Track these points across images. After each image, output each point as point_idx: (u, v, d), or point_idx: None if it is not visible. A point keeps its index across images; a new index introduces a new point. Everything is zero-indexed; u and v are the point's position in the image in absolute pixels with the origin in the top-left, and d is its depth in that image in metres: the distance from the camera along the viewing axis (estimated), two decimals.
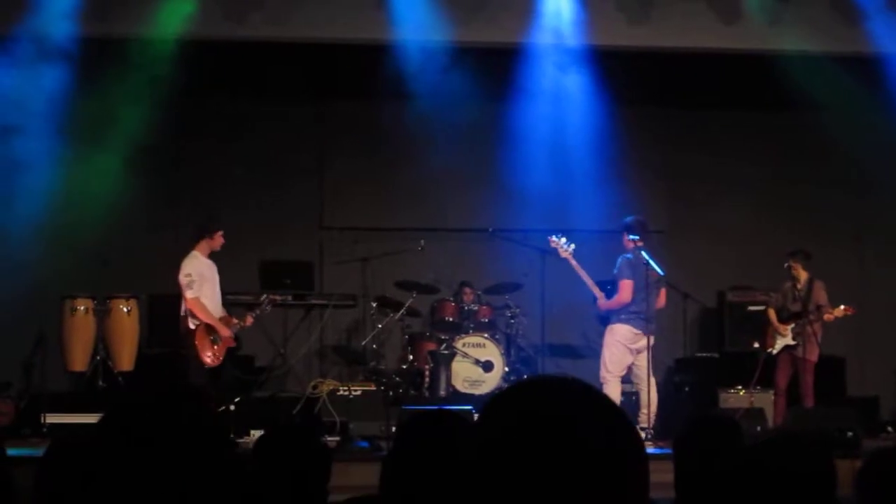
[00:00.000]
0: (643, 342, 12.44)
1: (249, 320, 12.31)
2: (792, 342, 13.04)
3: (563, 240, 12.75)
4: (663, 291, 12.75)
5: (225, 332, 11.88)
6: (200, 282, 11.84)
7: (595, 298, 12.59)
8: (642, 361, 12.50)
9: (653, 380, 12.56)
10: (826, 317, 12.95)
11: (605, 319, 12.66)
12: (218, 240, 11.98)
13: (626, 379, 12.78)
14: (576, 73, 14.26)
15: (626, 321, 12.40)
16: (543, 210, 14.87)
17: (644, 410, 12.41)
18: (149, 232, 14.58)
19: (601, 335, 12.73)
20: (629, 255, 12.47)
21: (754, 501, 3.39)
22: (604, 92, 14.38)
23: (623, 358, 12.42)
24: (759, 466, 3.51)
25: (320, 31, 13.34)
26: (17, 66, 13.27)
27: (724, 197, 15.65)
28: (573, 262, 12.65)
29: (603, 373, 12.41)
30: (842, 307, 12.93)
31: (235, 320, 12.18)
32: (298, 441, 4.38)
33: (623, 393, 12.91)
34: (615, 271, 12.49)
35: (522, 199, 14.94)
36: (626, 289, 12.36)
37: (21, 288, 13.55)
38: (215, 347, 11.84)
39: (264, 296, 12.71)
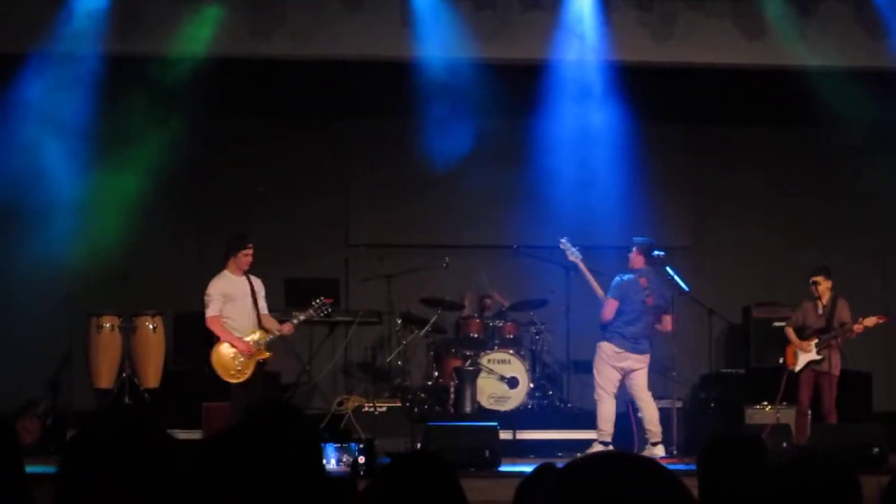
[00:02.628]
0: (627, 363, 12.46)
1: (286, 329, 12.08)
2: (817, 357, 12.94)
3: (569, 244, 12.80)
4: (668, 317, 12.64)
5: (242, 348, 11.83)
6: (223, 300, 11.82)
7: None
8: (639, 380, 12.53)
9: (648, 394, 12.58)
10: (857, 328, 12.86)
11: None
12: (242, 258, 11.90)
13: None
14: (600, 89, 14.26)
15: (609, 339, 12.48)
16: (568, 227, 14.85)
17: (650, 427, 12.41)
18: (174, 249, 14.64)
19: None
20: (627, 277, 12.49)
21: None
22: (628, 108, 14.37)
23: (612, 375, 12.45)
24: (784, 484, 3.49)
25: (345, 48, 13.35)
26: (45, 84, 13.34)
27: (749, 213, 15.62)
28: (582, 266, 12.70)
29: (597, 391, 12.43)
30: (873, 318, 12.84)
31: (272, 327, 12.06)
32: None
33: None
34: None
35: (547, 215, 14.94)
36: (609, 307, 12.42)
37: (47, 306, 13.62)
38: (238, 364, 11.80)
39: (319, 299, 12.57)
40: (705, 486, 4.47)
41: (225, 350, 11.77)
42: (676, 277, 12.71)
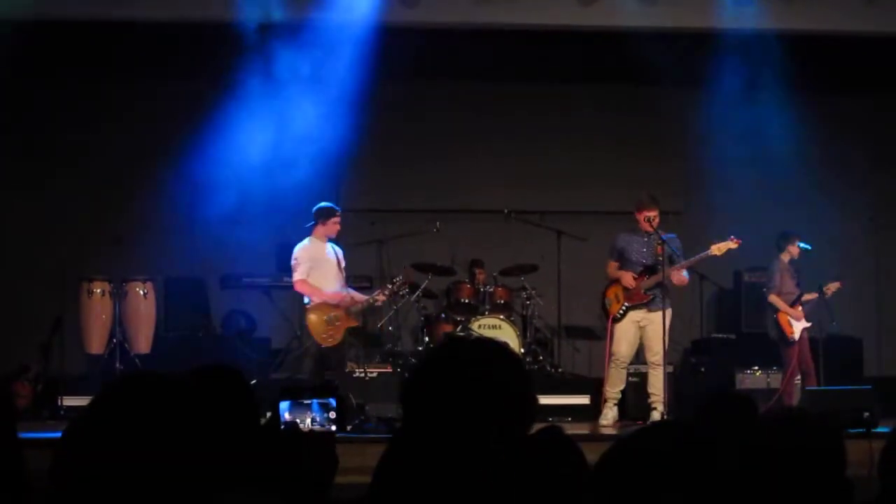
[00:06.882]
0: None
1: (381, 298, 12.59)
2: (808, 324, 12.99)
3: None
4: None
5: (338, 299, 12.07)
6: (310, 264, 12.11)
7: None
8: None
9: None
10: (827, 290, 13.03)
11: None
12: (332, 226, 12.28)
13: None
14: (591, 54, 14.23)
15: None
16: (559, 191, 14.89)
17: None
18: (166, 215, 14.60)
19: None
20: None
21: (760, 479, 3.38)
22: (619, 72, 14.33)
23: None
24: (766, 445, 3.49)
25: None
26: None
27: (740, 177, 15.57)
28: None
29: (661, 359, 12.37)
30: (832, 283, 13.02)
31: (360, 300, 12.31)
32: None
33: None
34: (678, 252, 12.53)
35: (538, 180, 14.94)
36: None
37: (38, 271, 13.61)
38: (330, 328, 12.00)
39: (399, 277, 12.80)
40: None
41: (313, 318, 12.12)
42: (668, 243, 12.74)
